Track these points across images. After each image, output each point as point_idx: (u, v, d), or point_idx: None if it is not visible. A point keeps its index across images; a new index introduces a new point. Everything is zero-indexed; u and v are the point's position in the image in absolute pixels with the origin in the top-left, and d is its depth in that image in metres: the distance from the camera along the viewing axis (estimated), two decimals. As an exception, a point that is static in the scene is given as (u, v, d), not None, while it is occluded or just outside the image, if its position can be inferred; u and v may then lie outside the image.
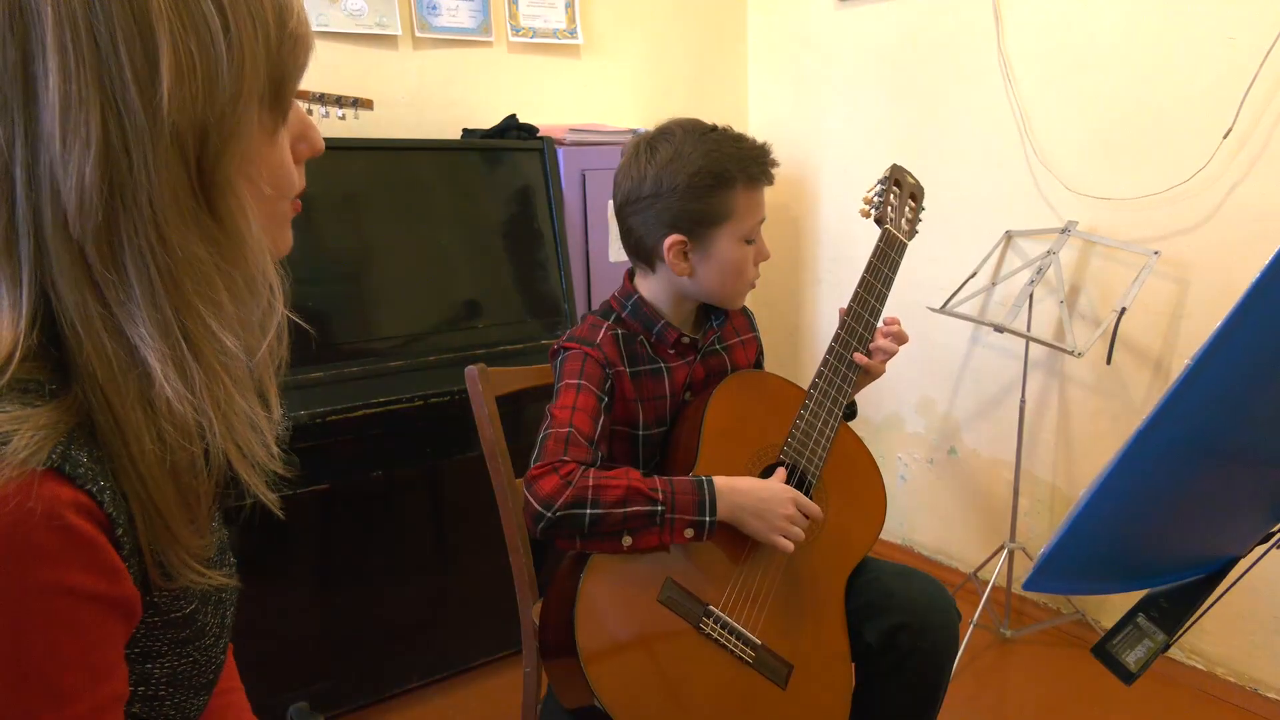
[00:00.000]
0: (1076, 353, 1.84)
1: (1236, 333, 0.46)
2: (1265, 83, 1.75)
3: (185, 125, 0.53)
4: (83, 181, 0.51)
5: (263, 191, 0.60)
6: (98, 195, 0.51)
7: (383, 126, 2.23)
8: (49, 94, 0.50)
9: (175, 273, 0.54)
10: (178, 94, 0.52)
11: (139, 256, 0.53)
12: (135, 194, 0.52)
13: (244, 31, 0.55)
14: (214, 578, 0.63)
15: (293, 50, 0.59)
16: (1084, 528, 0.55)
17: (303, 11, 0.60)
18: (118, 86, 0.51)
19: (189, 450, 0.57)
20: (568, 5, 2.51)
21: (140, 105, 0.51)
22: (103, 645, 0.54)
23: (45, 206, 0.51)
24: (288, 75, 0.60)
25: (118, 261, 0.53)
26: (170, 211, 0.53)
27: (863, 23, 2.57)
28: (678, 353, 1.32)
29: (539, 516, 1.11)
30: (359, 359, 1.89)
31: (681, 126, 1.25)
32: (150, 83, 0.51)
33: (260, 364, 0.62)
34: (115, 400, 0.54)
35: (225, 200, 0.56)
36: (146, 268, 0.53)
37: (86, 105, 0.50)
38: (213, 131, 0.55)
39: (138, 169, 0.52)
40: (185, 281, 0.54)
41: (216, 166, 0.55)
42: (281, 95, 0.60)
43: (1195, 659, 2.05)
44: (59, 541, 0.50)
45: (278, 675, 1.81)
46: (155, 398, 0.55)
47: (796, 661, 1.20)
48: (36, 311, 0.53)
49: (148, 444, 0.55)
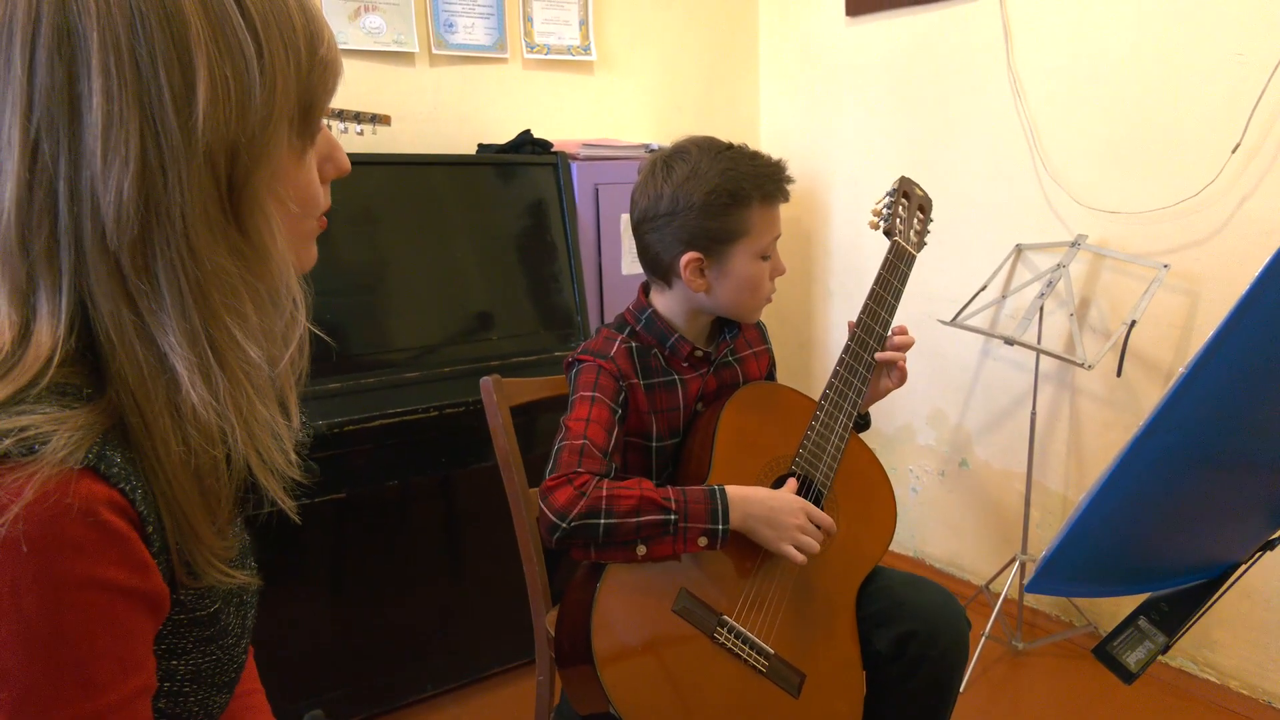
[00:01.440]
0: (1087, 365, 1.85)
1: (1230, 340, 0.48)
2: (1273, 98, 1.76)
3: (218, 145, 0.56)
4: (121, 197, 0.53)
5: (289, 209, 0.63)
6: (134, 210, 0.54)
7: (400, 142, 2.26)
8: (93, 114, 0.53)
9: (204, 284, 0.56)
10: (212, 116, 0.55)
11: (170, 268, 0.55)
12: (169, 209, 0.55)
13: (277, 58, 0.58)
14: (238, 577, 0.65)
15: (322, 76, 0.62)
16: (1084, 531, 0.56)
17: (333, 39, 0.63)
18: (156, 108, 0.54)
19: (211, 454, 0.59)
20: (581, 22, 2.55)
21: (177, 125, 0.54)
22: (134, 638, 0.56)
23: (85, 219, 0.54)
24: (317, 99, 0.62)
25: (150, 272, 0.55)
26: (201, 226, 0.56)
27: (873, 37, 2.59)
28: (691, 365, 1.34)
29: (554, 527, 1.12)
30: (375, 370, 1.92)
31: (697, 145, 1.26)
32: (187, 104, 0.54)
33: (282, 374, 0.64)
34: (145, 404, 0.56)
35: (253, 216, 0.59)
36: (177, 279, 0.56)
37: (127, 125, 0.53)
38: (243, 151, 0.57)
39: (172, 186, 0.54)
40: (213, 293, 0.57)
41: (246, 185, 0.58)
42: (310, 118, 0.63)
43: (1209, 672, 2.05)
44: (95, 536, 0.52)
45: (293, 682, 1.83)
46: (182, 403, 0.57)
47: (809, 670, 1.21)
48: (74, 318, 0.55)
49: (174, 447, 0.57)
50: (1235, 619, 1.98)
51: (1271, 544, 0.64)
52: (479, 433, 1.88)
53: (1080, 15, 2.08)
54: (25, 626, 0.50)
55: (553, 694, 1.51)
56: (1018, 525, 2.30)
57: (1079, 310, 2.14)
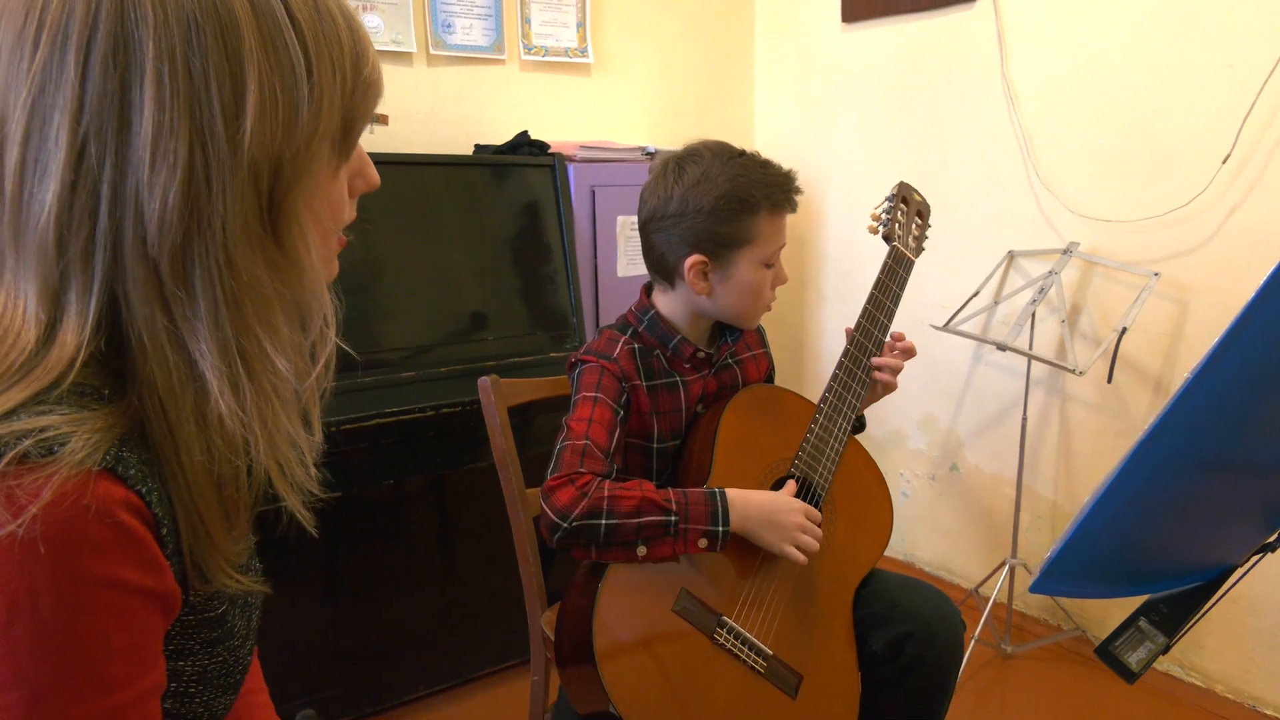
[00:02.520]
0: (1078, 371, 1.87)
1: (1233, 347, 0.49)
2: (1264, 109, 1.79)
3: (263, 158, 0.57)
4: (166, 204, 0.54)
5: (323, 224, 0.64)
6: (178, 218, 0.54)
7: (397, 142, 2.27)
8: (143, 121, 0.53)
9: (239, 295, 0.57)
10: (260, 129, 0.56)
11: (207, 277, 0.56)
12: (211, 219, 0.55)
13: (324, 76, 0.59)
14: (245, 582, 0.66)
15: (365, 96, 0.63)
16: (1087, 533, 0.57)
17: (377, 59, 0.64)
18: (206, 119, 0.54)
19: (234, 463, 0.60)
20: (579, 25, 2.56)
21: (225, 137, 0.55)
22: (147, 637, 0.57)
23: (127, 224, 0.54)
24: (358, 118, 0.64)
25: (188, 280, 0.56)
26: (240, 237, 0.57)
27: (868, 43, 2.61)
28: (693, 366, 1.35)
29: (555, 527, 1.13)
30: (371, 369, 1.92)
31: (710, 149, 1.27)
32: (236, 117, 0.55)
33: (308, 389, 0.65)
34: (172, 410, 0.57)
35: (290, 230, 0.60)
36: (213, 288, 0.56)
37: (177, 134, 0.54)
38: (287, 166, 0.58)
39: (216, 196, 0.55)
40: (247, 303, 0.58)
41: (286, 198, 0.59)
42: (350, 136, 0.64)
43: (1194, 675, 2.07)
44: (111, 537, 0.53)
45: (286, 682, 1.82)
46: (209, 412, 0.58)
47: (806, 672, 1.22)
48: (101, 321, 0.56)
49: (197, 454, 0.58)
50: (1221, 624, 2.00)
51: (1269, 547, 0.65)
52: (475, 433, 1.89)
53: (1074, 25, 2.10)
54: (41, 625, 0.51)
55: (547, 694, 1.52)
56: (1008, 530, 2.32)
57: (1070, 317, 2.17)
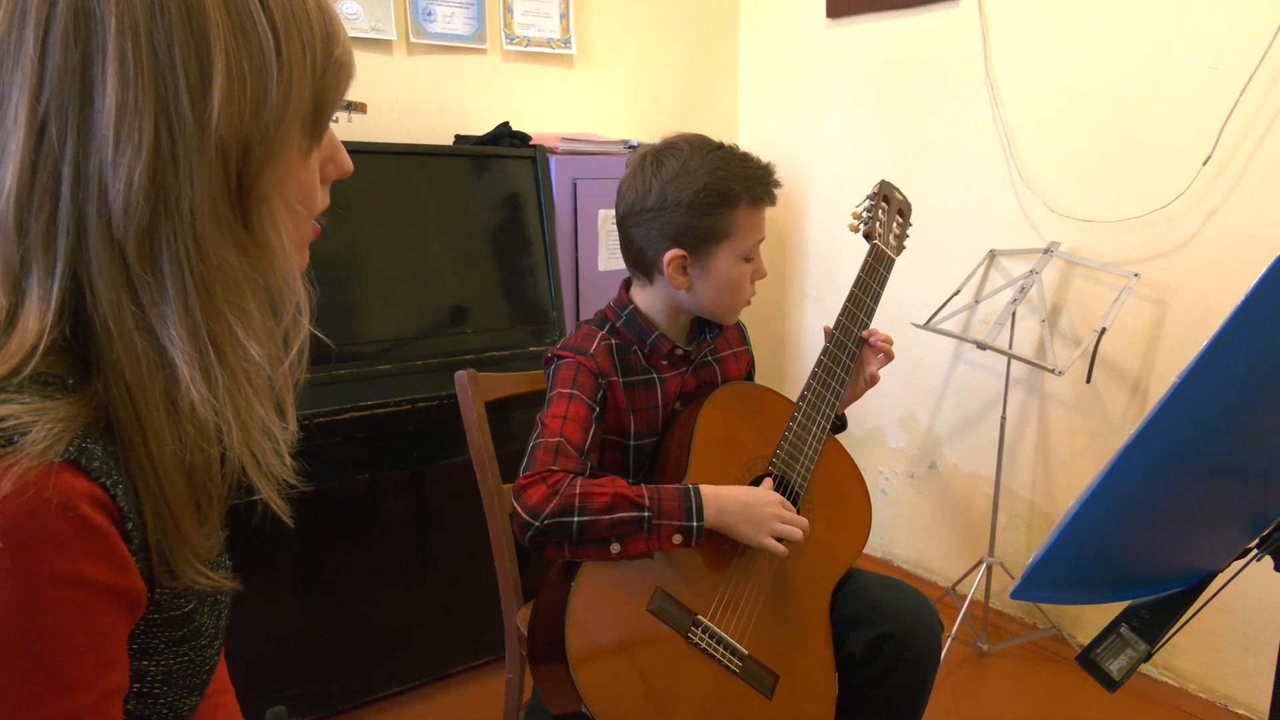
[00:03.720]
0: (1057, 371, 1.87)
1: (1220, 353, 0.48)
2: (1244, 111, 1.80)
3: (231, 139, 0.55)
4: (131, 184, 0.52)
5: (294, 208, 0.62)
6: (144, 199, 0.53)
7: (376, 131, 2.23)
8: (106, 99, 0.52)
9: (208, 278, 0.56)
10: (227, 109, 0.54)
11: (175, 260, 0.54)
12: (178, 201, 0.54)
13: (294, 55, 0.57)
14: (215, 578, 0.64)
15: (336, 77, 0.62)
16: (1071, 538, 0.56)
17: (348, 40, 0.63)
18: (172, 97, 0.53)
19: (206, 452, 0.58)
20: (562, 15, 2.53)
21: (191, 116, 0.53)
22: (109, 637, 0.55)
23: (91, 205, 0.53)
24: (329, 100, 0.62)
25: (155, 264, 0.54)
26: (208, 220, 0.55)
27: (853, 41, 2.60)
28: (671, 364, 1.34)
29: (527, 526, 1.11)
30: (346, 362, 1.89)
31: (689, 142, 1.26)
32: (202, 96, 0.53)
33: (281, 376, 0.63)
34: (140, 398, 0.55)
35: (259, 213, 0.58)
36: (181, 271, 0.55)
37: (141, 112, 0.52)
38: (255, 147, 0.57)
39: (183, 177, 0.54)
40: (216, 288, 0.56)
41: (255, 181, 0.57)
42: (320, 118, 0.62)
43: (1168, 675, 2.09)
44: (73, 531, 0.51)
45: (257, 678, 1.80)
46: (180, 399, 0.56)
47: (782, 672, 1.21)
48: (64, 306, 0.54)
49: (168, 443, 0.56)
50: (1195, 623, 2.02)
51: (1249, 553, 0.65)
52: (451, 427, 1.86)
53: (1058, 26, 2.10)
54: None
55: (522, 692, 1.50)
56: (985, 528, 2.33)
57: (1050, 317, 2.17)
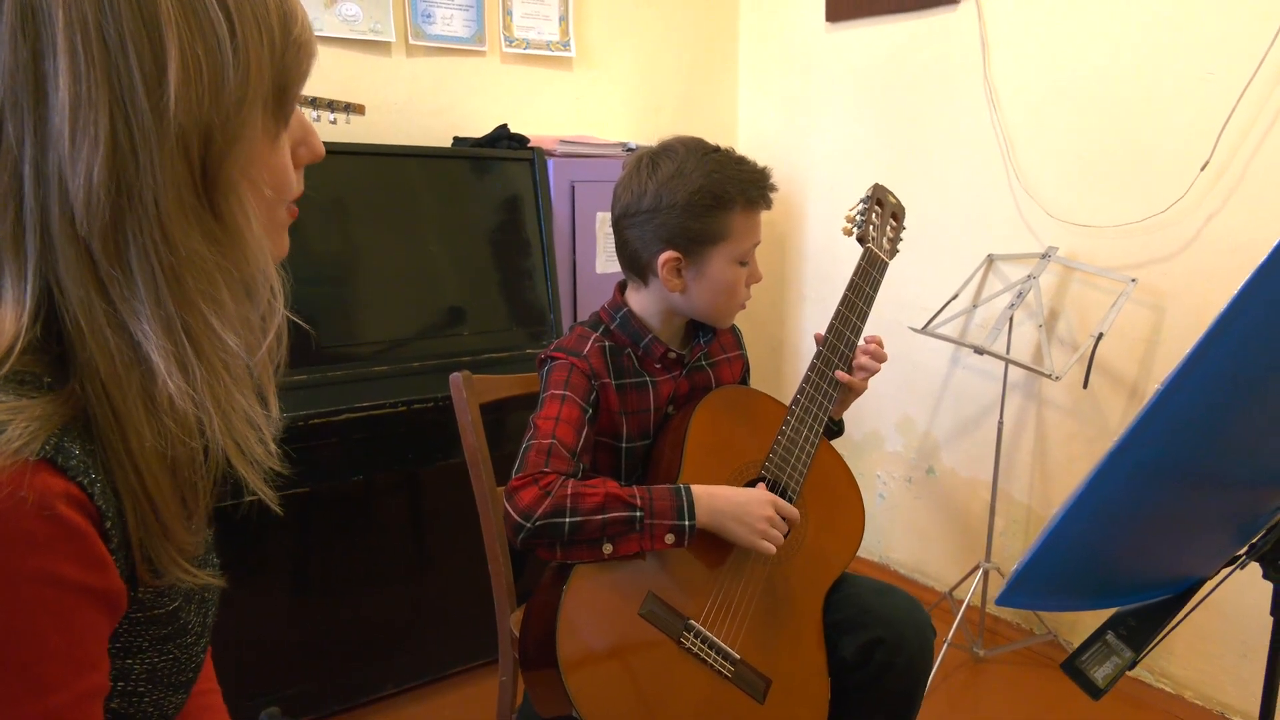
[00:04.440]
0: (1054, 376, 1.87)
1: (1204, 360, 0.48)
2: (1242, 117, 1.79)
3: (190, 127, 0.54)
4: (90, 180, 0.52)
5: (264, 194, 0.62)
6: (105, 194, 0.52)
7: (374, 132, 2.23)
8: (59, 94, 0.51)
9: (178, 270, 0.55)
10: (184, 96, 0.53)
11: (143, 254, 0.54)
12: (141, 193, 0.53)
13: (249, 37, 0.56)
14: (200, 576, 0.64)
15: (296, 57, 0.61)
16: (1056, 545, 0.56)
17: (306, 19, 0.62)
18: (126, 88, 0.52)
19: (189, 445, 0.58)
20: (561, 18, 2.53)
21: (148, 107, 0.52)
22: (87, 637, 0.55)
23: (53, 204, 0.52)
24: (291, 81, 0.61)
25: (123, 259, 0.54)
26: (174, 210, 0.54)
27: (852, 45, 2.60)
28: (664, 367, 1.33)
29: (519, 527, 1.11)
30: (342, 363, 1.89)
31: (684, 144, 1.26)
32: (158, 85, 0.53)
33: (260, 363, 0.63)
34: (116, 395, 0.54)
35: (227, 200, 0.57)
36: (150, 265, 0.54)
37: (96, 106, 0.51)
38: (217, 133, 0.56)
39: (144, 169, 0.53)
40: (187, 279, 0.55)
41: (220, 168, 0.57)
42: (284, 100, 0.61)
43: (1164, 682, 2.08)
44: (49, 531, 0.51)
45: (251, 679, 1.80)
46: (157, 393, 0.55)
47: (774, 676, 1.21)
48: (39, 306, 0.54)
49: (148, 438, 0.56)
50: (1190, 631, 2.01)
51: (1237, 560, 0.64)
52: (447, 429, 1.86)
53: (1056, 30, 2.10)
54: None
55: (515, 695, 1.50)
56: (982, 533, 2.32)
57: (1048, 321, 2.17)
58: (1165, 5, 1.90)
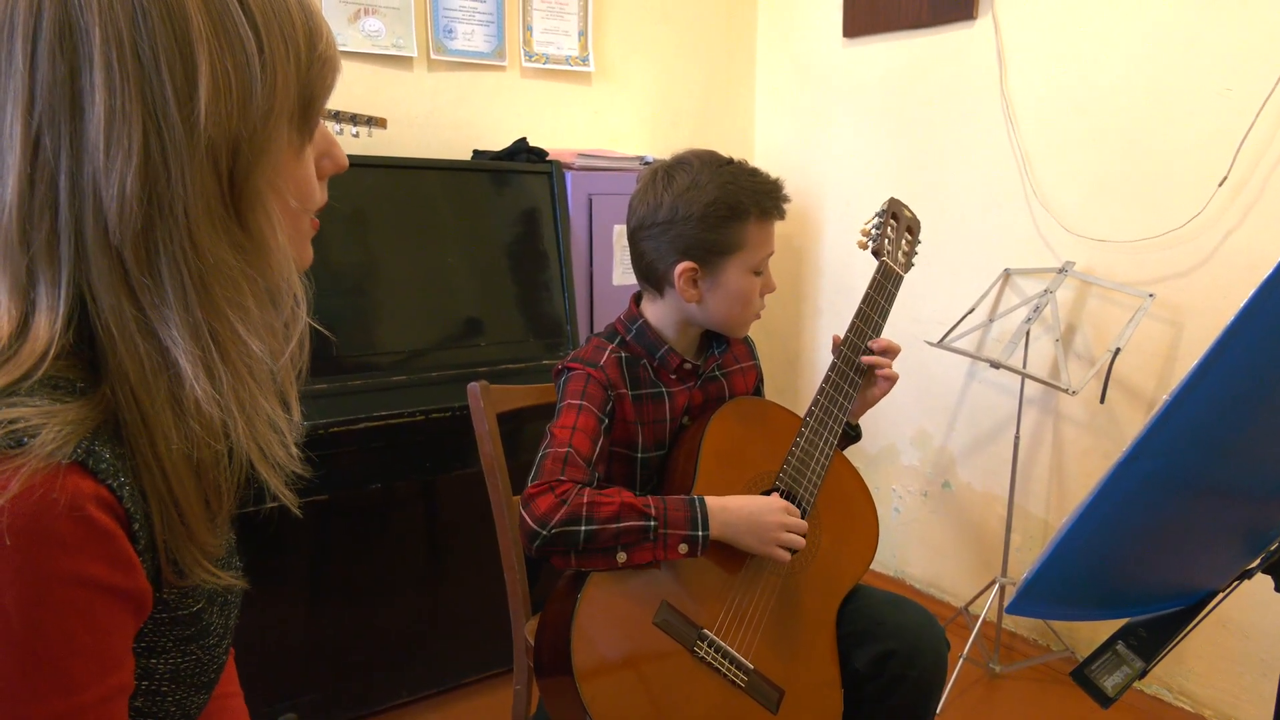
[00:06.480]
0: (1071, 391, 1.86)
1: (1213, 370, 0.48)
2: (1260, 132, 1.79)
3: (220, 139, 0.56)
4: (124, 191, 0.54)
5: (289, 204, 0.63)
6: (137, 204, 0.54)
7: (395, 145, 2.26)
8: (95, 107, 0.53)
9: (206, 278, 0.57)
10: (214, 110, 0.55)
11: (173, 262, 0.56)
12: (171, 203, 0.55)
13: (277, 53, 0.58)
14: (224, 577, 0.65)
15: (321, 72, 0.63)
16: (1066, 554, 0.57)
17: (331, 35, 0.64)
18: (159, 102, 0.54)
19: (214, 448, 0.60)
20: (581, 33, 2.56)
21: (179, 119, 0.54)
22: (114, 636, 0.56)
23: (87, 213, 0.54)
24: (316, 95, 0.63)
25: (153, 267, 0.56)
26: (203, 220, 0.56)
27: (869, 59, 2.61)
28: (679, 378, 1.35)
29: (534, 535, 1.12)
30: (362, 372, 1.91)
31: (699, 157, 1.28)
32: (189, 99, 0.55)
33: (283, 369, 0.64)
34: (145, 399, 0.56)
35: (254, 211, 0.59)
36: (179, 273, 0.56)
37: (130, 119, 0.53)
38: (245, 146, 0.58)
39: (175, 180, 0.55)
40: (215, 287, 0.57)
41: (247, 179, 0.59)
42: (310, 114, 0.63)
43: (1183, 700, 2.06)
44: (80, 532, 0.52)
45: (268, 685, 1.81)
46: (185, 398, 0.57)
47: (788, 686, 1.21)
48: (72, 312, 0.55)
49: (175, 441, 0.57)
50: (1210, 649, 1.99)
51: (1249, 573, 0.64)
52: (464, 438, 1.87)
53: (1073, 45, 2.10)
54: (3, 620, 0.50)
55: (530, 704, 1.50)
56: (998, 548, 2.31)
57: (1064, 336, 2.16)
58: (1183, 21, 1.90)
